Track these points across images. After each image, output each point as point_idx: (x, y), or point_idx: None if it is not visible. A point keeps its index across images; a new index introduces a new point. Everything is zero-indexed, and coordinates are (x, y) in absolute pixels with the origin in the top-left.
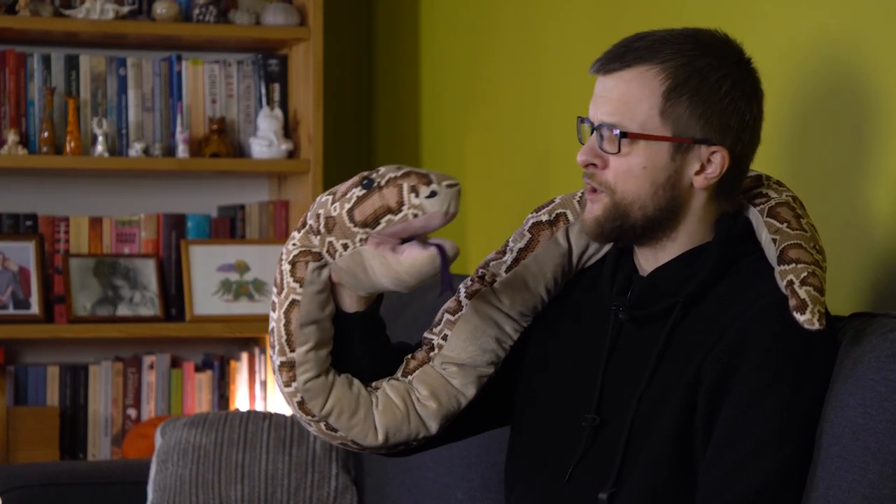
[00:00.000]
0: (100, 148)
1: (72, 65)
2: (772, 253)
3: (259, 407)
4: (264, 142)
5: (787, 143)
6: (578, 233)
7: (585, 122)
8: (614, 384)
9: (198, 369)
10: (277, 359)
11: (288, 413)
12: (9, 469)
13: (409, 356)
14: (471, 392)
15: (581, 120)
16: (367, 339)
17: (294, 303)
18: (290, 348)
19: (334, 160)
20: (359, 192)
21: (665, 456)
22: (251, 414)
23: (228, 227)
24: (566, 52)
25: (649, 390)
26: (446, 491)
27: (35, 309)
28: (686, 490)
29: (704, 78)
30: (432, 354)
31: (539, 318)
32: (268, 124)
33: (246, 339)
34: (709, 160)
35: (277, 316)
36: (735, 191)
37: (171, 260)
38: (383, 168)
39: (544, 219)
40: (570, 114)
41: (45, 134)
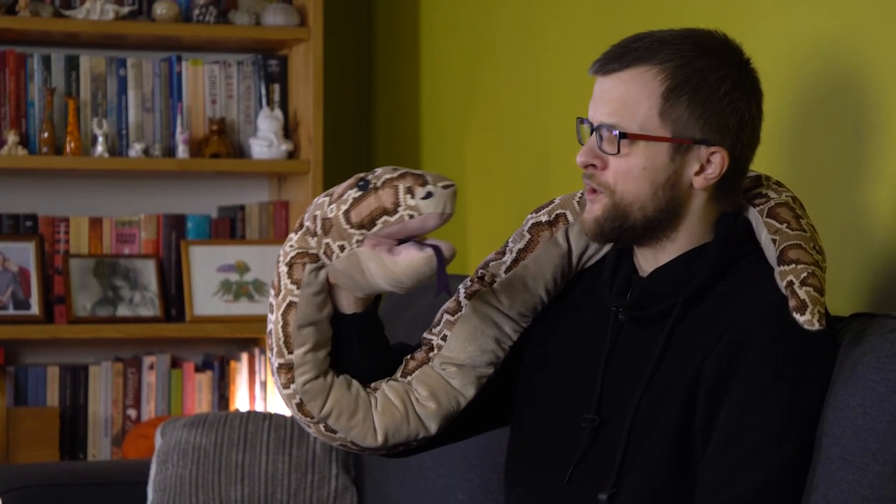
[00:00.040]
0: (100, 148)
1: (72, 65)
2: (771, 253)
3: (259, 407)
4: (264, 142)
5: (787, 144)
6: (578, 233)
7: (585, 123)
8: (614, 385)
9: (198, 370)
10: (276, 361)
11: (288, 413)
12: (9, 469)
13: (409, 357)
14: (470, 392)
15: (580, 121)
16: (366, 340)
17: (291, 304)
18: (289, 350)
19: (334, 161)
20: (355, 193)
21: (665, 456)
22: (251, 414)
23: (228, 227)
24: (566, 52)
25: (649, 391)
26: (446, 491)
27: (35, 309)
28: (686, 490)
29: (703, 78)
30: (431, 355)
31: (539, 318)
32: (268, 125)
33: (246, 339)
34: (708, 160)
35: (275, 318)
36: (735, 191)
37: (171, 260)
38: (379, 169)
39: (544, 219)
40: (569, 114)
41: (45, 134)
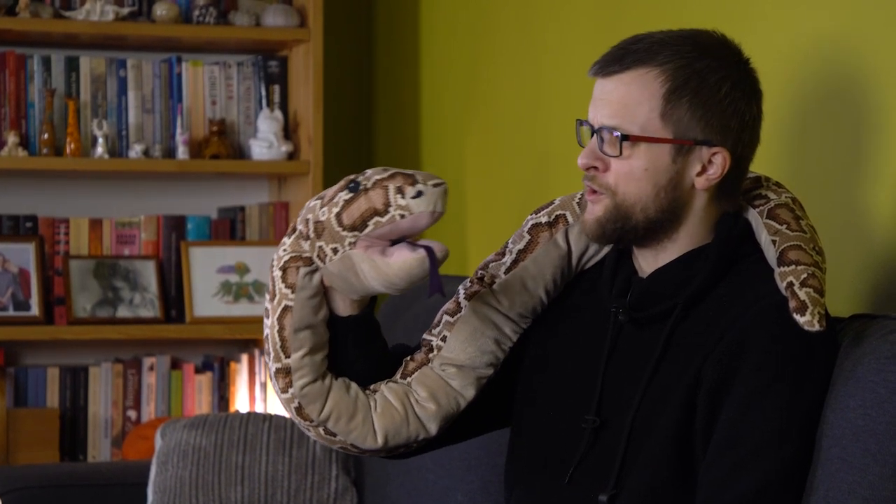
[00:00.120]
0: (100, 149)
1: (72, 66)
2: (771, 254)
3: (259, 408)
4: (264, 143)
5: (787, 144)
6: (578, 234)
7: (585, 125)
8: (614, 386)
9: (198, 371)
10: (273, 365)
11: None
12: (9, 470)
13: (408, 358)
14: (470, 393)
15: (580, 122)
16: (362, 342)
17: (287, 308)
18: (286, 354)
19: (334, 162)
20: (345, 195)
21: (665, 457)
22: (251, 415)
23: (228, 228)
24: (566, 53)
25: (649, 392)
26: (446, 493)
27: (35, 310)
28: (686, 491)
29: (704, 79)
30: (431, 356)
31: (538, 319)
32: (268, 126)
33: (246, 340)
34: (710, 161)
35: (271, 322)
36: (736, 191)
37: (171, 261)
38: (369, 171)
39: (543, 220)
40: (570, 115)
41: (46, 135)
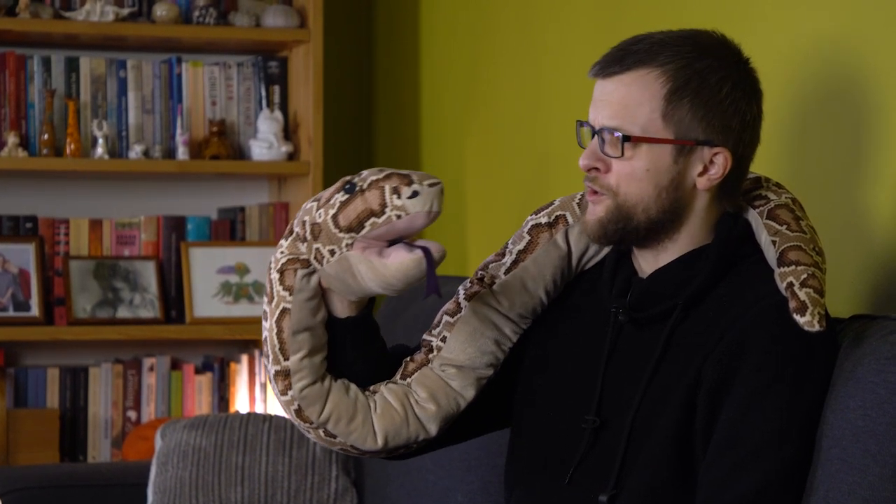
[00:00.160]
0: (100, 150)
1: (72, 67)
2: (771, 255)
3: (259, 409)
4: (264, 144)
5: (787, 145)
6: (578, 235)
7: (585, 126)
8: (614, 386)
9: (198, 371)
10: (272, 368)
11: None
12: (9, 471)
13: (408, 358)
14: (470, 394)
15: (580, 123)
16: (361, 343)
17: (285, 311)
18: (284, 357)
19: (334, 162)
20: (341, 197)
21: (665, 457)
22: (251, 416)
23: (228, 229)
24: (566, 53)
25: (649, 392)
26: (446, 493)
27: (35, 311)
28: (686, 491)
29: (705, 80)
30: (431, 356)
31: (538, 320)
32: (268, 126)
33: (246, 341)
34: (711, 161)
35: (269, 325)
36: (736, 191)
37: (171, 262)
38: (365, 171)
39: (543, 221)
40: (570, 115)
41: (46, 136)
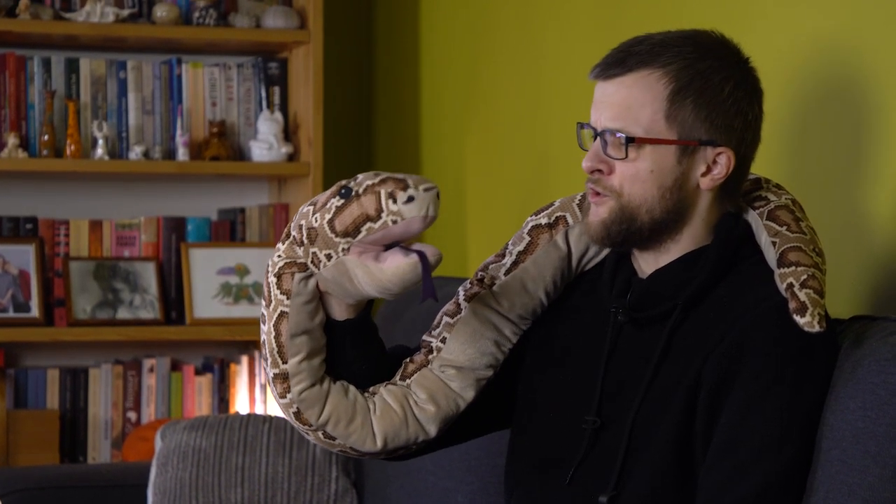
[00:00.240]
0: (100, 151)
1: (72, 68)
2: (771, 256)
3: (259, 410)
4: (264, 145)
5: (786, 145)
6: (578, 236)
7: (586, 128)
8: (614, 386)
9: (198, 372)
10: (270, 371)
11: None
12: (8, 472)
13: (408, 360)
14: (469, 395)
15: (581, 125)
16: (359, 345)
17: (283, 314)
18: (283, 360)
19: (334, 163)
20: (337, 201)
21: (665, 459)
22: (251, 417)
23: (228, 230)
24: (566, 53)
25: (649, 393)
26: (446, 494)
27: (35, 312)
28: (686, 493)
29: (707, 80)
30: (431, 357)
31: (538, 321)
32: (268, 127)
33: (246, 342)
34: (714, 161)
35: (267, 329)
36: (738, 191)
37: (171, 263)
38: (361, 176)
39: (543, 222)
40: (570, 115)
41: (46, 137)
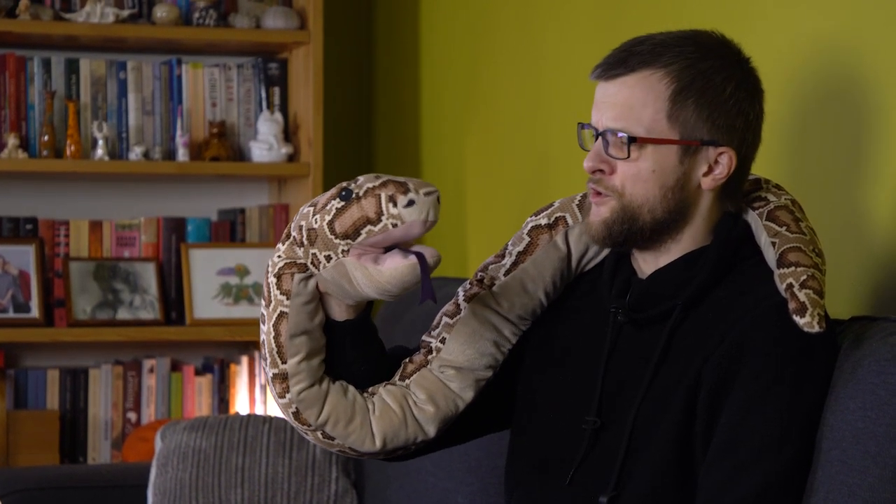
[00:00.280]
0: (100, 151)
1: (72, 68)
2: (771, 256)
3: (259, 410)
4: (264, 145)
5: (786, 145)
6: (577, 236)
7: (587, 128)
8: (614, 387)
9: (198, 373)
10: (270, 371)
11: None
12: (8, 472)
13: (407, 360)
14: (469, 395)
15: (582, 126)
16: (359, 345)
17: (282, 315)
18: (282, 360)
19: (334, 164)
20: (337, 203)
21: (665, 459)
22: (251, 418)
23: (228, 230)
24: (566, 53)
25: (649, 393)
26: (447, 495)
27: (35, 312)
28: (686, 493)
29: (709, 80)
30: (430, 358)
31: (538, 321)
32: (268, 128)
33: (246, 342)
34: (716, 161)
35: (267, 329)
36: (739, 191)
37: (171, 263)
38: (361, 178)
39: (543, 222)
40: (570, 115)
41: (46, 137)
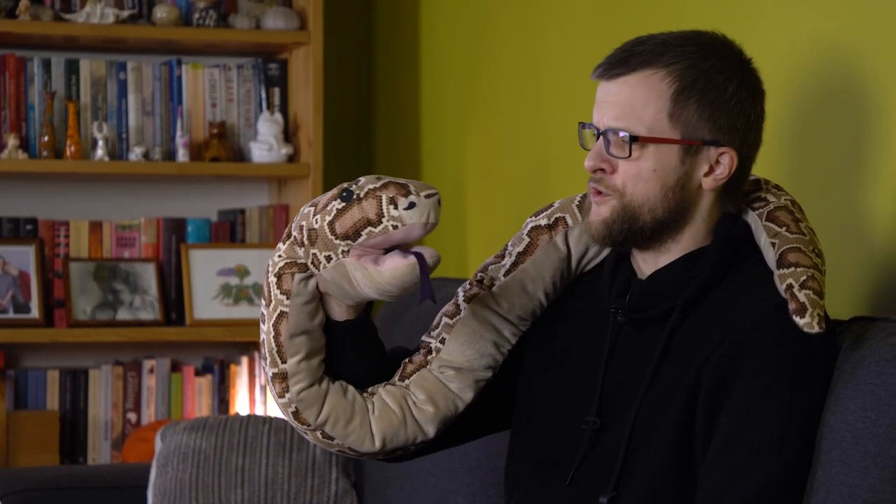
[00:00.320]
0: (100, 152)
1: (72, 69)
2: (771, 257)
3: (259, 411)
4: (264, 146)
5: (786, 145)
6: (577, 237)
7: (588, 128)
8: (614, 387)
9: (198, 373)
10: (270, 370)
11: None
12: (9, 473)
13: (407, 360)
14: (468, 396)
15: (583, 125)
16: (359, 345)
17: (282, 314)
18: (282, 359)
19: (334, 164)
20: (338, 204)
21: (665, 459)
22: (251, 418)
23: (228, 231)
24: (566, 54)
25: (649, 393)
26: (446, 496)
27: (35, 313)
28: (686, 493)
29: (711, 80)
30: (430, 358)
31: (538, 322)
32: (268, 128)
33: (246, 343)
34: (717, 161)
35: (267, 328)
36: (739, 191)
37: (171, 264)
38: (363, 179)
39: (543, 223)
40: (570, 116)
41: (46, 138)
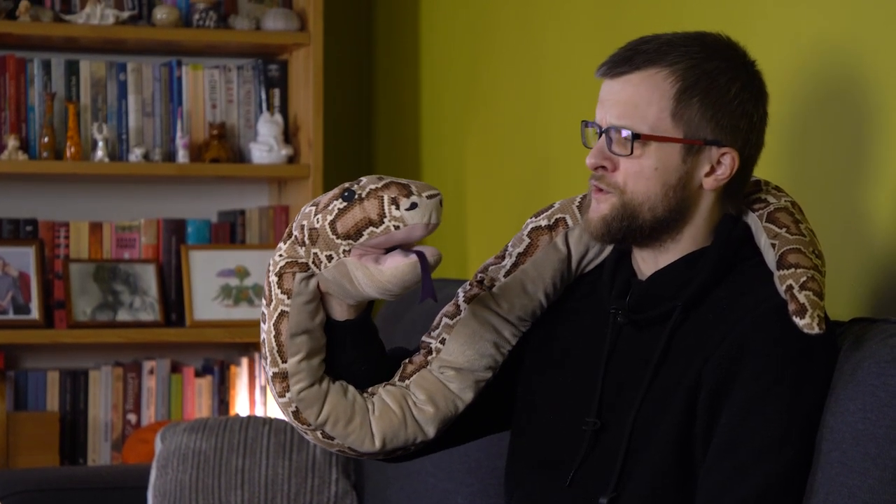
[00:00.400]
0: (100, 153)
1: (72, 70)
2: (771, 258)
3: (259, 412)
4: (264, 147)
5: (787, 146)
6: (578, 238)
7: (590, 126)
8: (614, 388)
9: (198, 374)
10: (270, 370)
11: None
12: (8, 474)
13: (407, 360)
14: (468, 396)
15: (585, 124)
16: (360, 345)
17: (283, 314)
18: (282, 359)
19: (334, 165)
20: (340, 204)
21: (665, 460)
22: (251, 419)
23: (228, 232)
24: (566, 54)
25: (649, 394)
26: (446, 496)
27: (35, 314)
28: (686, 494)
29: (714, 80)
30: (430, 358)
31: (538, 322)
32: (268, 129)
33: (246, 344)
34: (719, 161)
35: (267, 328)
36: (740, 192)
37: (171, 265)
38: (364, 179)
39: (543, 223)
40: (570, 116)
41: (46, 139)
